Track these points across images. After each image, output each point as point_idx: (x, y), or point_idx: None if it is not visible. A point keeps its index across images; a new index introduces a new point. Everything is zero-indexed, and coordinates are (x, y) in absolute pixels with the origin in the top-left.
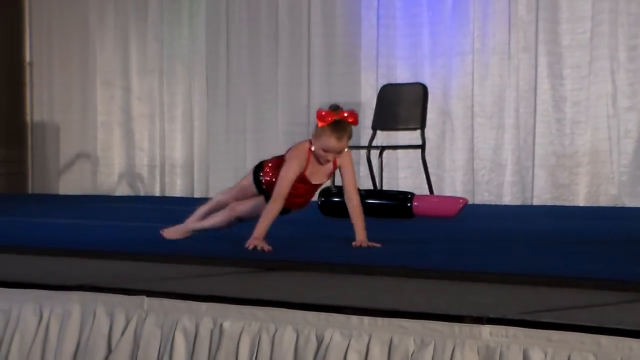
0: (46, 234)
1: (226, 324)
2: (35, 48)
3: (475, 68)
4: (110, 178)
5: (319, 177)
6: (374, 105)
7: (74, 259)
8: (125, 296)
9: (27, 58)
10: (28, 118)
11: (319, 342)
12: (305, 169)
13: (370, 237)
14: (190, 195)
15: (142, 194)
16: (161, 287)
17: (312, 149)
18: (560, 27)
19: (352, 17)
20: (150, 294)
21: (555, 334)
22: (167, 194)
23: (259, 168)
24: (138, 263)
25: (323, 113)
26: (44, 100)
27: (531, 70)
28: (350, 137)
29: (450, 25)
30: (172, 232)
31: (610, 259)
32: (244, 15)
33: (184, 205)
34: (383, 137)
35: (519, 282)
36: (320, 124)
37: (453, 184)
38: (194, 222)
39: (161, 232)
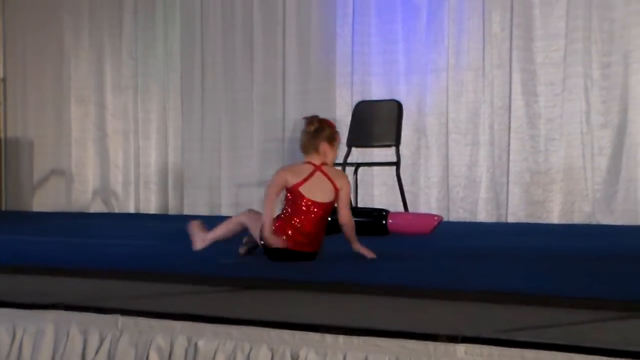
0: (19, 251)
1: (201, 343)
2: (9, 64)
3: (450, 85)
4: (84, 195)
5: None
6: (349, 122)
7: (47, 277)
8: (99, 315)
9: (1, 74)
10: (1, 134)
11: None
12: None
13: (343, 254)
14: (164, 212)
15: (116, 210)
16: (135, 306)
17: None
18: (534, 45)
19: (326, 33)
20: (124, 312)
21: (529, 353)
22: (142, 210)
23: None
24: (112, 281)
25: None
26: (18, 116)
27: (505, 87)
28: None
29: (425, 42)
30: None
31: (584, 277)
32: (218, 32)
33: (158, 222)
34: (358, 154)
35: (494, 300)
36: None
37: (428, 201)
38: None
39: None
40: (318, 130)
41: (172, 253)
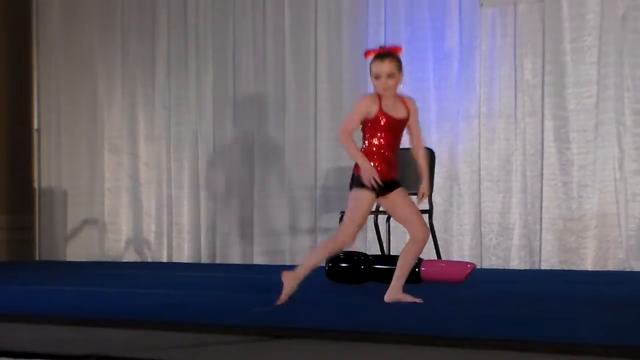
0: (52, 301)
1: None
2: (43, 114)
3: (482, 132)
4: (117, 244)
5: (397, 112)
6: None
7: (80, 328)
8: None
9: (35, 124)
10: (36, 184)
11: None
12: (379, 105)
13: (377, 303)
14: (197, 261)
15: (149, 260)
16: (169, 356)
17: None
18: (566, 91)
19: (359, 79)
20: None
21: None
22: (175, 259)
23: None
24: (144, 331)
25: (368, 49)
26: (52, 166)
27: (537, 134)
28: (399, 65)
29: (456, 89)
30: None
31: (620, 324)
32: (250, 81)
33: (191, 271)
34: None
35: (530, 349)
36: (367, 57)
37: (461, 248)
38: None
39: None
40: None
41: (205, 302)
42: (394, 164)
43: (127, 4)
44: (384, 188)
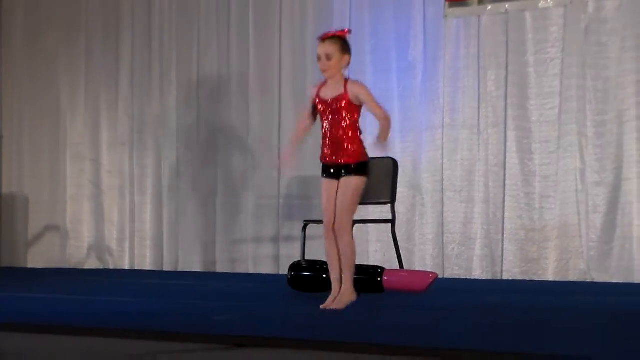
0: (11, 309)
1: None
2: (5, 121)
3: (445, 142)
4: (79, 251)
5: (332, 92)
6: None
7: (41, 335)
8: None
9: None
10: None
11: None
12: (317, 91)
13: (338, 312)
14: (159, 269)
15: (111, 267)
16: None
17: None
18: (529, 103)
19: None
20: None
21: None
22: (137, 266)
23: None
24: (104, 339)
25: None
26: (14, 172)
27: (500, 145)
28: (340, 47)
29: (420, 100)
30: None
31: (580, 335)
32: (215, 90)
33: (153, 279)
34: None
35: (487, 359)
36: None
37: (423, 257)
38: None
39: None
40: None
41: (167, 310)
42: (340, 147)
43: (91, 11)
44: (332, 173)
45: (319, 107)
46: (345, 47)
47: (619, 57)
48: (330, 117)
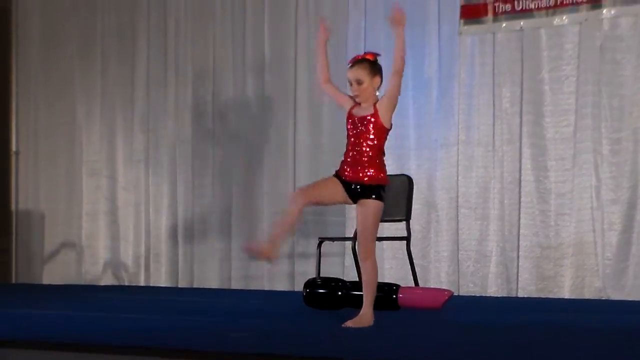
0: (28, 325)
1: None
2: (21, 137)
3: (460, 160)
4: (94, 267)
5: (363, 112)
6: None
7: (57, 352)
8: None
9: (14, 147)
10: (13, 207)
11: None
12: (351, 108)
13: (354, 329)
14: (174, 285)
15: (126, 283)
16: None
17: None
18: (544, 120)
19: (338, 109)
20: None
21: None
22: (152, 283)
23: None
24: (122, 356)
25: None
26: (30, 189)
27: (515, 162)
28: (370, 70)
29: (435, 117)
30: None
31: (592, 354)
32: (230, 106)
33: (168, 296)
34: None
35: None
36: None
37: (438, 275)
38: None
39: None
40: None
41: (182, 327)
42: (362, 168)
43: (106, 29)
44: (353, 192)
45: (349, 123)
46: (374, 69)
47: (634, 74)
48: (357, 134)
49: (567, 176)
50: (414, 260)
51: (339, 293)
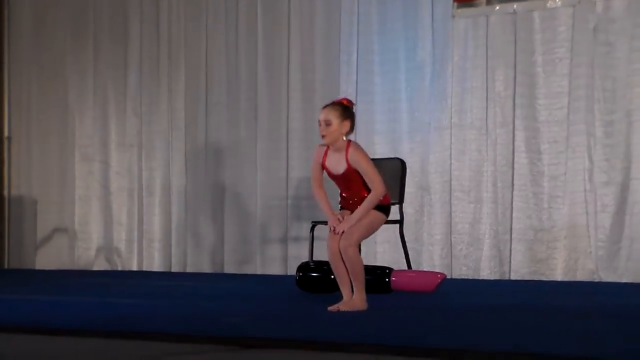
0: (19, 311)
1: None
2: (14, 123)
3: (453, 143)
4: (87, 252)
5: (338, 166)
6: None
7: (50, 337)
8: None
9: (6, 132)
10: (5, 192)
11: None
12: (323, 158)
13: (347, 313)
14: (168, 270)
15: (119, 268)
16: None
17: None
18: (537, 103)
19: (330, 91)
20: None
21: None
22: (145, 268)
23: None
24: (114, 341)
25: None
26: (22, 174)
27: (509, 145)
28: (340, 113)
29: (428, 100)
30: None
31: (585, 335)
32: (223, 90)
33: (161, 280)
34: None
35: (502, 359)
36: None
37: (431, 258)
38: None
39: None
40: None
41: (175, 312)
42: (356, 202)
43: (98, 12)
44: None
45: (327, 172)
46: (345, 113)
47: (627, 56)
48: (340, 182)
49: (560, 159)
50: (407, 244)
51: (332, 276)
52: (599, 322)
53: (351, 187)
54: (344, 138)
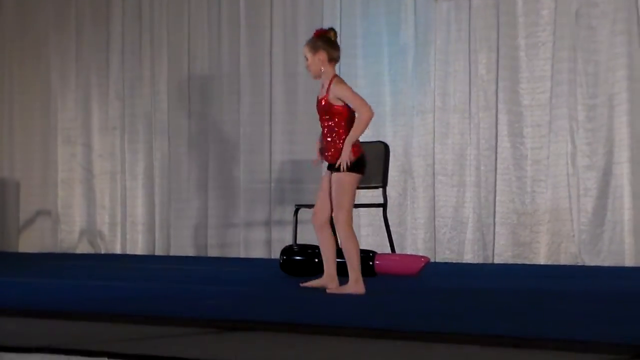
0: (3, 293)
1: None
2: None
3: (436, 126)
4: (70, 236)
5: (320, 93)
6: None
7: (32, 320)
8: (86, 358)
9: None
10: None
11: None
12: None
13: (331, 296)
14: (151, 253)
15: (102, 251)
16: (122, 349)
17: None
18: (520, 87)
19: None
20: (110, 355)
21: None
22: (128, 251)
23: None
24: (98, 323)
25: None
26: (4, 157)
27: (492, 129)
28: (311, 46)
29: (411, 84)
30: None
31: (567, 319)
32: (205, 73)
33: (145, 263)
34: None
35: (477, 342)
36: None
37: (415, 241)
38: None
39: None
40: None
41: (159, 295)
42: (327, 147)
43: None
44: (328, 167)
45: (316, 105)
46: (316, 45)
47: (609, 40)
48: (319, 116)
49: (543, 142)
50: (391, 227)
51: (316, 260)
52: (582, 305)
53: (325, 121)
54: (327, 69)
